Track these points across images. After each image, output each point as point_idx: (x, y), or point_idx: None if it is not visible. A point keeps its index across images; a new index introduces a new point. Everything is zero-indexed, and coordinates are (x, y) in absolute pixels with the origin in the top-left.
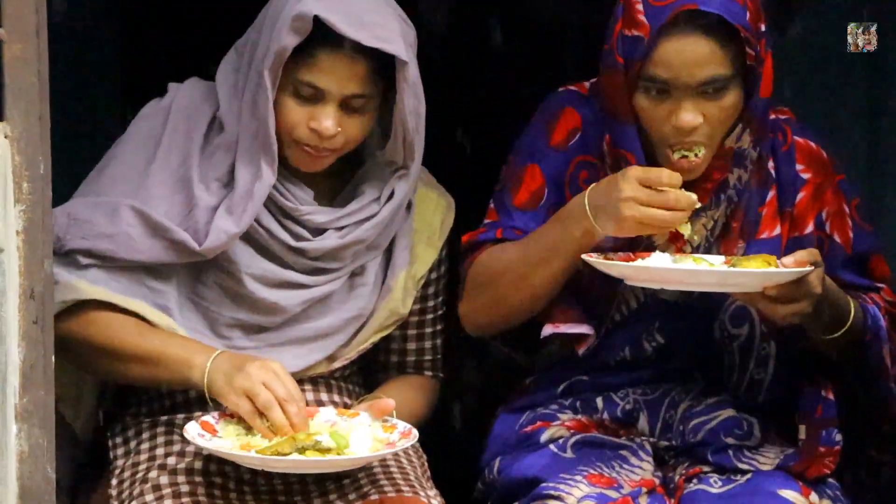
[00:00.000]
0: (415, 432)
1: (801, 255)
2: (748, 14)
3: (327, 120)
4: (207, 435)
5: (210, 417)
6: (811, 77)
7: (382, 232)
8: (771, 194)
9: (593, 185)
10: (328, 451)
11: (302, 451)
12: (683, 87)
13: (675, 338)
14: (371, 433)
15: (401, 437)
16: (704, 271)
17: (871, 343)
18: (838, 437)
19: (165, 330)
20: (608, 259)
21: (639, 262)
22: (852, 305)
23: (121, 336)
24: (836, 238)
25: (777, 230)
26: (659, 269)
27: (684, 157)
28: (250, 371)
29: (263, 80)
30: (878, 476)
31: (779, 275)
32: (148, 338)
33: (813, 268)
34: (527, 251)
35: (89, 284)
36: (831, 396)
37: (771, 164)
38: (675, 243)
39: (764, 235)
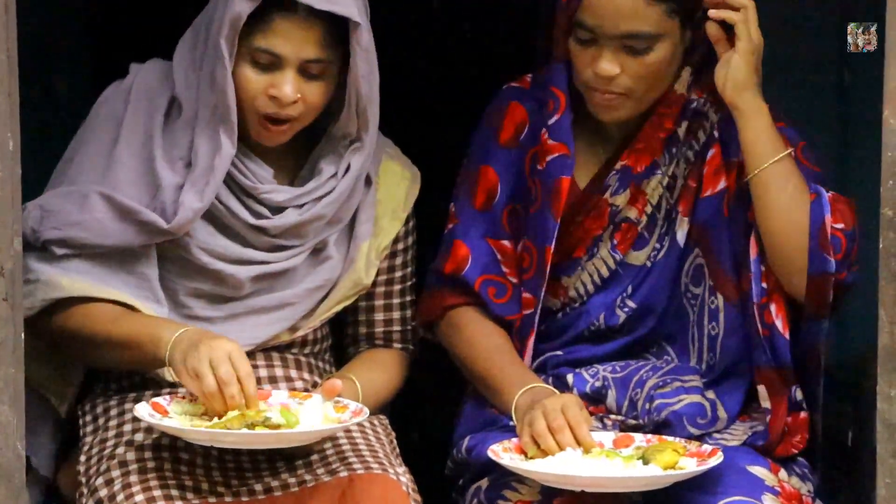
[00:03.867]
0: (366, 411)
1: None
2: None
3: (287, 86)
4: (157, 415)
5: (162, 399)
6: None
7: (342, 206)
8: (712, 152)
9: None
10: (278, 427)
11: (252, 427)
12: (608, 36)
13: (645, 302)
14: (323, 413)
15: (352, 415)
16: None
17: (814, 207)
18: (799, 396)
19: (141, 313)
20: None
21: (552, 466)
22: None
23: (96, 324)
24: None
25: (721, 184)
26: (567, 476)
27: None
28: (201, 350)
29: (220, 50)
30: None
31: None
32: (121, 323)
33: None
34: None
35: (70, 281)
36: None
37: (714, 123)
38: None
39: (708, 193)
